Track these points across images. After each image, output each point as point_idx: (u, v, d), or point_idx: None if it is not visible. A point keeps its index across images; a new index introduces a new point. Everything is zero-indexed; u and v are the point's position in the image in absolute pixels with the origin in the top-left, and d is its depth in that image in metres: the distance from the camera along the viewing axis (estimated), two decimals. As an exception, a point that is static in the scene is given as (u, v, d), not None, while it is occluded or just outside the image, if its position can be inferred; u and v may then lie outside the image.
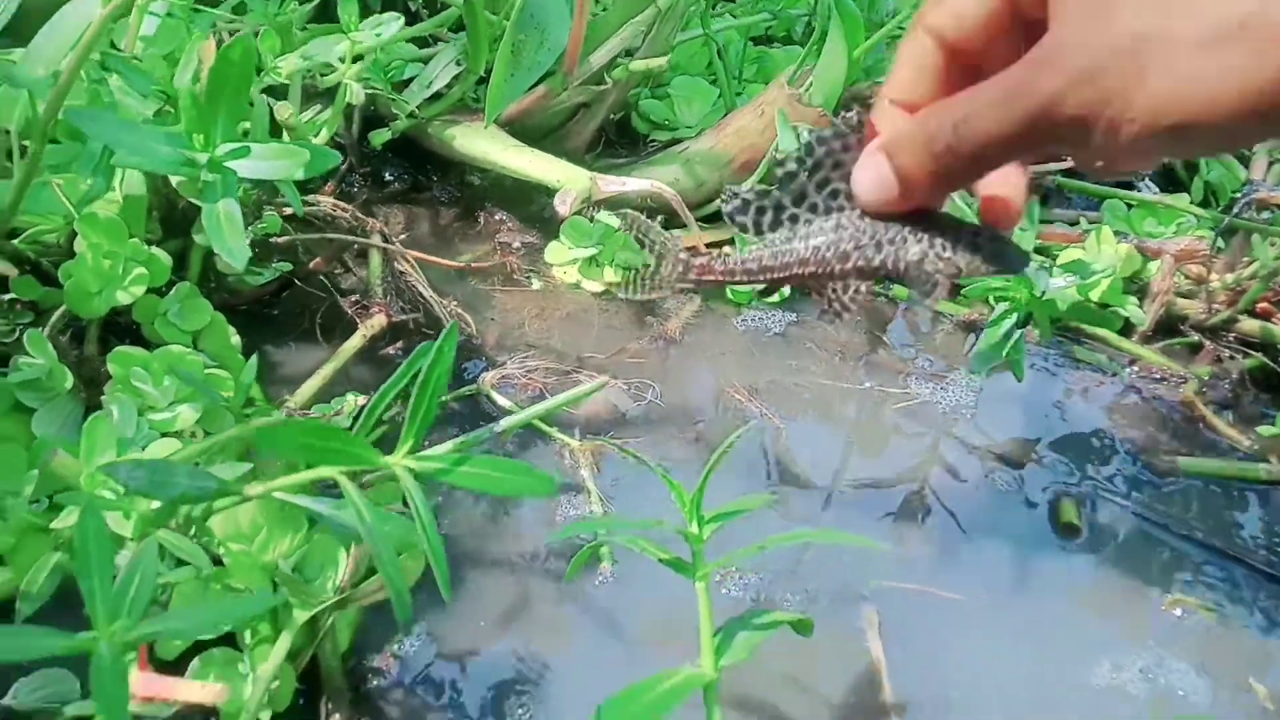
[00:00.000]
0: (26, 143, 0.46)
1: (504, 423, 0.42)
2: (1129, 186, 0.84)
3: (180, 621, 0.27)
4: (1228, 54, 0.28)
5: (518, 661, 0.50)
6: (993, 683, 0.51)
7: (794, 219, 0.37)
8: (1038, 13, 0.34)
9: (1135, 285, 0.70)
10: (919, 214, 0.38)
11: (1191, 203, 0.76)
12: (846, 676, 0.50)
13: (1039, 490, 0.60)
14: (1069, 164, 0.78)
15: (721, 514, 0.38)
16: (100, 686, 0.27)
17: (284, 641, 0.37)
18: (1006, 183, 0.39)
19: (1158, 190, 0.82)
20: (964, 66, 0.38)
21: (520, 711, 0.48)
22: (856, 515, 0.58)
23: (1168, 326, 0.70)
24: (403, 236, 0.71)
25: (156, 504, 0.35)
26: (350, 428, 0.31)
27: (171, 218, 0.59)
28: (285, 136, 0.60)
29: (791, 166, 0.37)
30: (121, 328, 0.59)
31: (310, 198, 0.61)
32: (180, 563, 0.41)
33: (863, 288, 0.39)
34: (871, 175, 0.38)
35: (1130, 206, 0.77)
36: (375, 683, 0.48)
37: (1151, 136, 0.30)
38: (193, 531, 0.41)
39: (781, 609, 0.50)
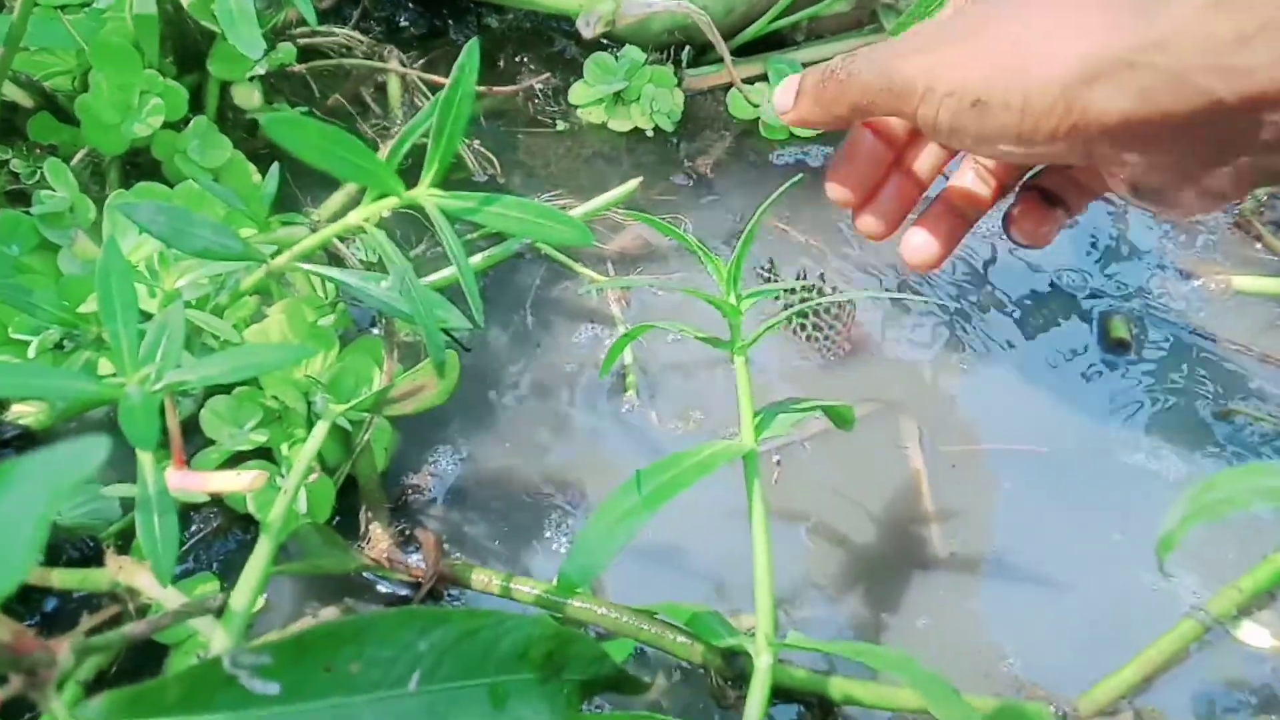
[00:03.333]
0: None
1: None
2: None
3: (212, 368, 0.27)
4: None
5: (551, 480, 0.50)
6: (1033, 484, 0.50)
7: None
8: None
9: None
10: None
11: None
12: (886, 488, 0.50)
13: (1087, 310, 0.58)
14: None
15: (760, 291, 0.37)
16: (131, 428, 0.27)
17: (319, 430, 0.37)
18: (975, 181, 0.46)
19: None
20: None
21: (555, 519, 0.48)
22: (898, 331, 0.57)
23: (1224, 150, 0.66)
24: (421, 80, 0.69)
25: (183, 281, 0.35)
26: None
27: (184, 50, 0.57)
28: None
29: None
30: (142, 171, 0.58)
31: (325, 27, 0.59)
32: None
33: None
34: (784, 89, 0.45)
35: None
36: (414, 498, 0.48)
37: (962, 110, 0.36)
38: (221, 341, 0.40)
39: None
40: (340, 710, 0.25)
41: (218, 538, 0.46)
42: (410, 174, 0.34)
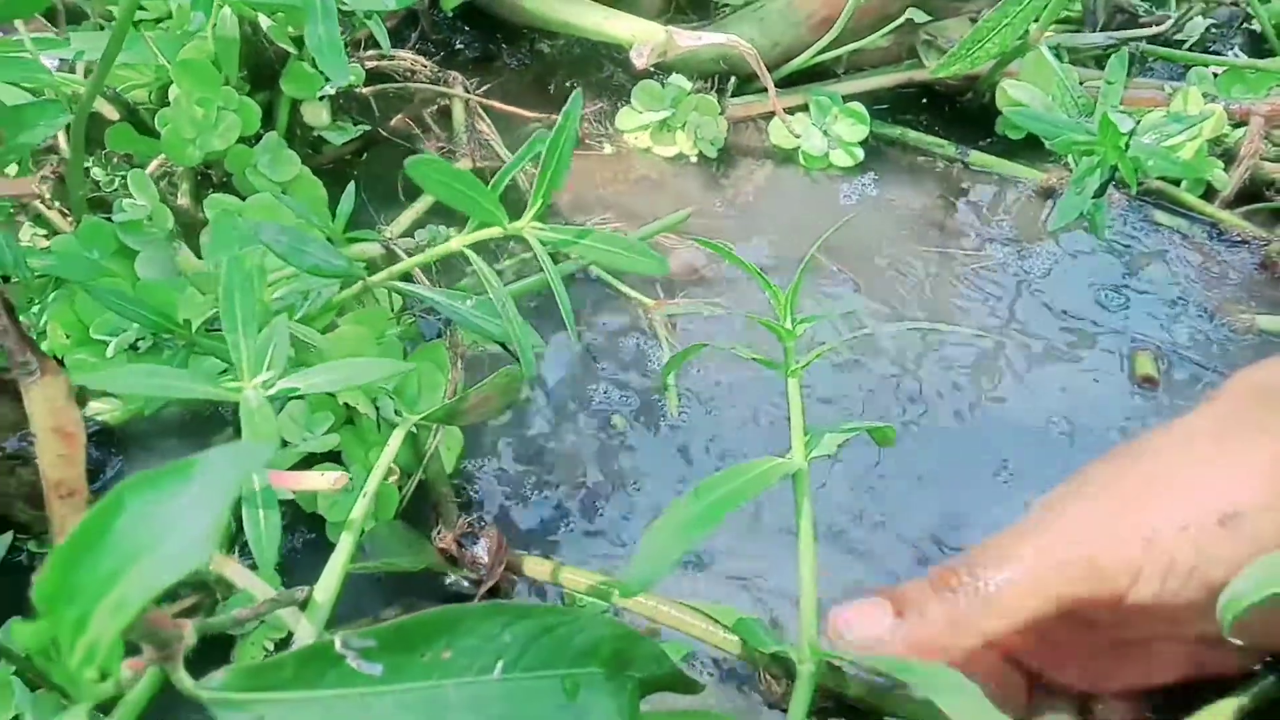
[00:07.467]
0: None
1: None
2: (1216, 53, 0.81)
3: (318, 378, 0.29)
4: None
5: (601, 478, 0.52)
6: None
7: None
8: None
9: (1219, 150, 0.69)
10: None
11: (1283, 68, 0.73)
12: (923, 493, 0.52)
13: (1116, 347, 0.60)
14: (1153, 30, 0.76)
15: (813, 317, 0.39)
16: (252, 428, 0.29)
17: (395, 438, 0.39)
18: None
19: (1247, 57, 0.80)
20: None
21: (605, 515, 0.50)
22: (932, 363, 0.59)
23: (1251, 193, 0.68)
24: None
25: (278, 294, 0.37)
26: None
27: (259, 68, 0.60)
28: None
29: None
30: (211, 182, 0.61)
31: (391, 51, 0.62)
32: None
33: None
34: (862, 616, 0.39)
35: (1217, 76, 0.75)
36: (475, 496, 0.51)
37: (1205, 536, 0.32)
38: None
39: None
40: (432, 692, 0.27)
41: (283, 535, 0.48)
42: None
